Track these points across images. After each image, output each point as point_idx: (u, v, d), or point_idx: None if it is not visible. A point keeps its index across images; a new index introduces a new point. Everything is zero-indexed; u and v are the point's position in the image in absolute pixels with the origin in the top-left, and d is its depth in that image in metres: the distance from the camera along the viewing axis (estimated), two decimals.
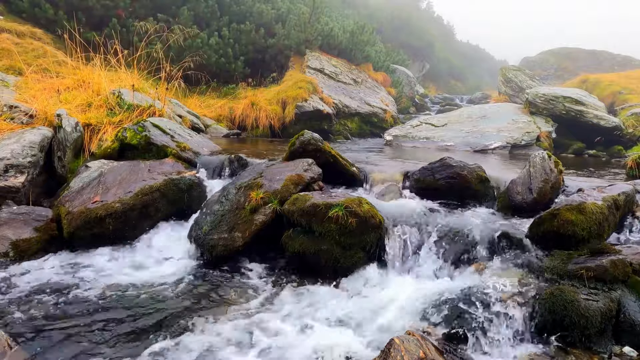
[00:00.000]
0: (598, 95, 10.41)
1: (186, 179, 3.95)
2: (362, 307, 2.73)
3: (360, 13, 18.77)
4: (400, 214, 3.39)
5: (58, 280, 2.95)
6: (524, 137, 7.69)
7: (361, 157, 5.39)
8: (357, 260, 3.14)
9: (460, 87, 24.15)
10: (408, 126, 8.84)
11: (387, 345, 1.98)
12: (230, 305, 2.75)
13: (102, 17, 8.32)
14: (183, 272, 3.18)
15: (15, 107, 4.39)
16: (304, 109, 8.06)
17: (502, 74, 13.28)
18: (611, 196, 3.07)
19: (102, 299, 2.73)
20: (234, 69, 9.31)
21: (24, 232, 3.35)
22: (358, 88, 10.48)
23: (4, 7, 7.55)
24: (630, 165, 5.05)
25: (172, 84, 6.35)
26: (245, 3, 10.37)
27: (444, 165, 3.80)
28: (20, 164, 3.78)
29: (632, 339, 2.37)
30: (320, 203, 3.18)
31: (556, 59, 21.57)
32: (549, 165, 3.61)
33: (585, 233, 2.77)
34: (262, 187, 3.56)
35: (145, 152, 4.43)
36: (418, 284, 2.94)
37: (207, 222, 3.47)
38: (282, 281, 3.12)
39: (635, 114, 8.57)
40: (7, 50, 5.95)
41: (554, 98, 8.55)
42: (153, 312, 2.60)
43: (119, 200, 3.58)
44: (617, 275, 2.50)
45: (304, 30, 10.29)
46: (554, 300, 2.42)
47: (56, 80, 5.33)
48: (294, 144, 4.06)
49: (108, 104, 5.03)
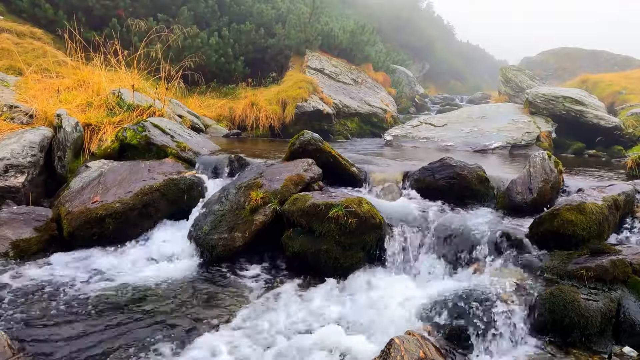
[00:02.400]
0: (598, 95, 10.41)
1: (186, 179, 3.95)
2: (362, 307, 2.73)
3: (360, 13, 18.76)
4: (400, 214, 3.39)
5: (58, 280, 2.95)
6: (524, 137, 7.69)
7: (361, 157, 5.39)
8: (357, 260, 3.14)
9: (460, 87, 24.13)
10: (408, 126, 8.84)
11: (387, 345, 1.98)
12: (230, 305, 2.75)
13: (102, 17, 8.32)
14: (183, 272, 3.18)
15: (15, 107, 4.40)
16: (304, 109, 8.06)
17: (502, 74, 13.28)
18: (611, 196, 3.07)
19: (102, 299, 2.73)
20: (234, 69, 9.31)
21: (24, 232, 3.35)
22: (358, 88, 10.48)
23: (4, 7, 7.56)
24: (630, 165, 5.05)
25: (172, 84, 6.36)
26: (245, 3, 10.37)
27: (444, 165, 3.80)
28: (20, 164, 3.78)
29: (632, 339, 2.37)
30: (320, 203, 3.18)
31: (556, 59, 21.56)
32: (549, 165, 3.61)
33: (585, 233, 2.77)
34: (262, 187, 3.56)
35: (145, 152, 4.43)
36: (418, 284, 2.94)
37: (207, 222, 3.47)
38: (282, 281, 3.12)
39: (635, 114, 8.57)
40: (7, 50, 5.95)
41: (554, 98, 8.55)
42: (153, 312, 2.60)
43: (119, 200, 3.58)
44: (617, 275, 2.50)
45: (304, 30, 10.29)
46: (554, 300, 2.42)
47: (56, 80, 5.33)
48: (294, 144, 4.06)
49: (108, 104, 5.03)
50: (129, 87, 5.40)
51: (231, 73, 9.29)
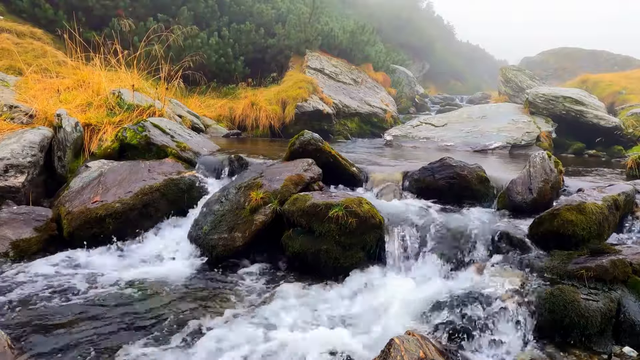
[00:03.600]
0: (598, 95, 10.41)
1: (186, 179, 3.95)
2: (362, 307, 2.73)
3: (360, 13, 18.75)
4: (400, 214, 3.39)
5: (58, 280, 2.95)
6: (524, 137, 7.69)
7: (361, 157, 5.39)
8: (357, 260, 3.14)
9: (460, 87, 24.13)
10: (408, 126, 8.84)
11: (387, 345, 1.98)
12: (230, 305, 2.75)
13: (102, 17, 8.32)
14: (183, 272, 3.18)
15: (15, 107, 4.39)
16: (304, 109, 8.06)
17: (502, 74, 13.28)
18: (611, 196, 3.07)
19: (101, 299, 2.73)
20: (234, 69, 9.31)
21: (24, 232, 3.35)
22: (358, 88, 10.48)
23: (4, 7, 7.56)
24: (630, 165, 5.05)
25: (172, 84, 6.36)
26: (245, 3, 10.37)
27: (444, 165, 3.80)
28: (20, 164, 3.78)
29: (632, 339, 2.36)
30: (320, 203, 3.18)
31: (556, 59, 21.56)
32: (549, 165, 3.61)
33: (585, 233, 2.77)
34: (262, 187, 3.56)
35: (145, 152, 4.43)
36: (418, 284, 2.94)
37: (207, 222, 3.47)
38: (282, 281, 3.12)
39: (635, 114, 8.57)
40: (7, 50, 5.94)
41: (554, 98, 8.55)
42: (153, 312, 2.60)
43: (119, 200, 3.58)
44: (617, 275, 2.50)
45: (304, 30, 10.28)
46: (554, 300, 2.42)
47: (56, 80, 5.33)
48: (294, 144, 4.06)
49: (108, 104, 5.03)
50: (129, 87, 5.40)
51: (231, 73, 9.29)
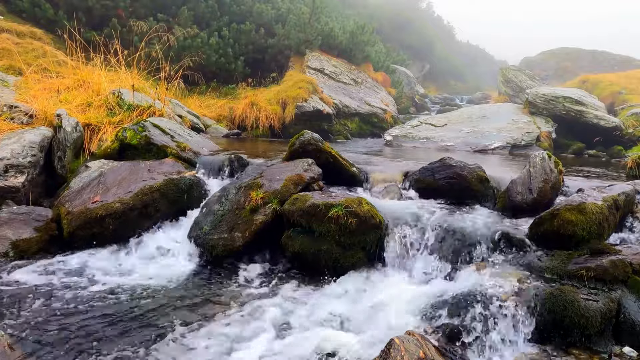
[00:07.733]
0: (598, 95, 10.41)
1: (186, 179, 3.95)
2: (362, 307, 2.73)
3: (360, 13, 18.76)
4: (400, 214, 3.38)
5: (58, 280, 2.95)
6: (524, 137, 7.70)
7: (361, 157, 5.39)
8: (357, 260, 3.14)
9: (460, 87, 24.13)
10: (408, 126, 8.84)
11: (387, 345, 1.98)
12: (231, 305, 2.75)
13: (102, 17, 8.32)
14: (183, 272, 3.18)
15: (15, 107, 4.39)
16: (304, 109, 8.06)
17: (502, 74, 13.29)
18: (611, 196, 3.07)
19: (101, 298, 2.73)
20: (234, 69, 9.31)
21: (24, 232, 3.35)
22: (358, 88, 10.48)
23: (4, 7, 7.56)
24: (630, 165, 5.05)
25: (172, 84, 6.35)
26: (245, 3, 10.37)
27: (444, 165, 3.80)
28: (20, 164, 3.78)
29: (632, 339, 2.36)
30: (320, 203, 3.18)
31: (556, 59, 21.56)
32: (549, 166, 3.61)
33: (585, 233, 2.77)
34: (262, 187, 3.56)
35: (145, 152, 4.43)
36: (418, 284, 2.94)
37: (207, 222, 3.47)
38: (282, 281, 3.12)
39: (635, 114, 8.57)
40: (7, 50, 5.94)
41: (554, 98, 8.55)
42: (153, 312, 2.60)
43: (119, 200, 3.58)
44: (617, 275, 2.50)
45: (304, 30, 10.29)
46: (554, 300, 2.42)
47: (56, 80, 5.33)
48: (294, 144, 4.05)
49: (108, 104, 5.03)
50: (129, 87, 5.40)
51: (231, 73, 9.29)
